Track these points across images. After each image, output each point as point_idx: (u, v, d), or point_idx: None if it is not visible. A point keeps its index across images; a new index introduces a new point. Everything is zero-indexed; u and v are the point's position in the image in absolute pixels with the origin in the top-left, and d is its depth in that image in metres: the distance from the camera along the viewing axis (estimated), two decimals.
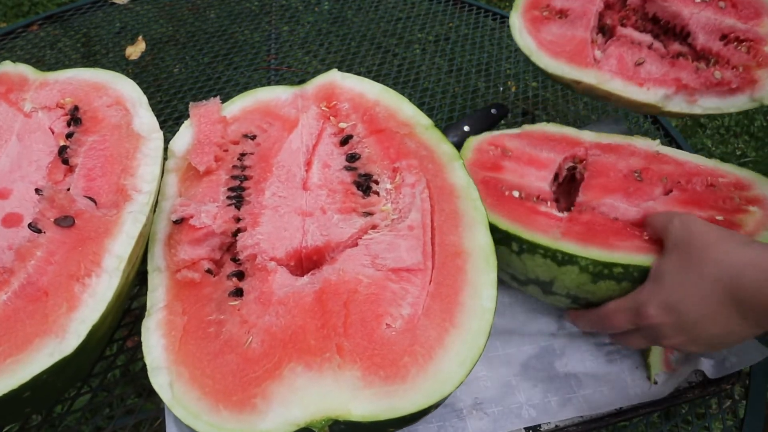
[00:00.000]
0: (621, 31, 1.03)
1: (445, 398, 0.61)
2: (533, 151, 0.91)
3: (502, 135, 0.94)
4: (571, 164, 0.91)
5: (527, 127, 0.95)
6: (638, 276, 0.74)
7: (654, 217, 0.76)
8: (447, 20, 1.85)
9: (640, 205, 0.81)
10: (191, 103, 0.86)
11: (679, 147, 1.32)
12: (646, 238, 0.76)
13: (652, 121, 1.43)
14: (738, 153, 2.77)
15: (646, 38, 1.02)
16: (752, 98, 0.91)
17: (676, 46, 1.00)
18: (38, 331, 0.61)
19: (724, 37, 0.96)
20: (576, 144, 0.91)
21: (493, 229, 0.73)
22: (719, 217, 0.78)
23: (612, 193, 0.83)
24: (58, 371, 0.61)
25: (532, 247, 0.78)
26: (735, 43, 0.95)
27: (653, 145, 0.90)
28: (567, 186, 0.93)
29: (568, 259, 0.76)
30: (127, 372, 0.87)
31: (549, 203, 0.84)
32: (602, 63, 0.98)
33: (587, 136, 0.92)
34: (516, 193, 0.85)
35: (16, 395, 0.58)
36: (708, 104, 0.93)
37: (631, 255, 0.74)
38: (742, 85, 0.91)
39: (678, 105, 0.94)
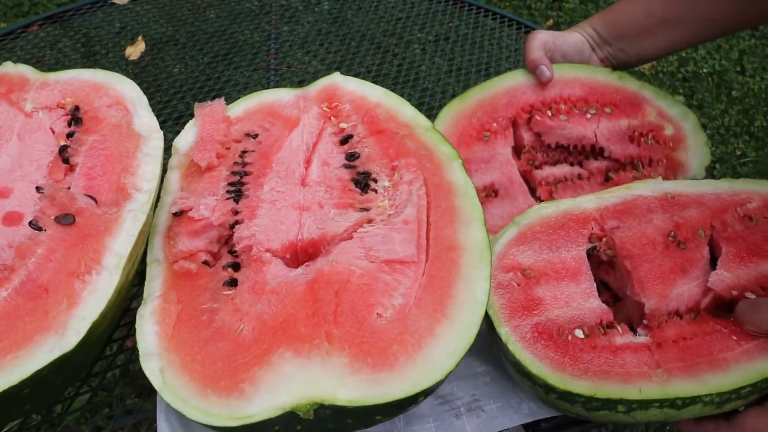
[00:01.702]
0: (539, 175, 0.98)
1: (434, 387, 0.62)
2: (552, 257, 0.78)
3: (508, 248, 0.79)
4: (589, 246, 0.81)
5: (519, 221, 0.82)
6: (766, 386, 0.68)
7: (749, 313, 0.69)
8: (447, 20, 1.85)
9: (702, 278, 0.75)
10: (196, 104, 0.88)
11: None
12: (743, 331, 0.70)
13: None
14: (738, 153, 2.77)
15: (566, 169, 0.99)
16: (686, 179, 0.93)
17: (595, 164, 0.99)
18: (38, 328, 0.61)
19: (631, 139, 0.98)
20: (584, 221, 0.81)
21: (590, 399, 0.67)
22: None
23: (671, 283, 0.75)
24: (58, 368, 0.61)
25: (645, 404, 0.67)
26: (643, 139, 0.97)
27: (659, 185, 0.84)
28: (595, 271, 0.82)
29: (690, 401, 0.67)
30: (127, 372, 0.88)
31: (620, 328, 0.73)
32: None
33: (588, 203, 0.83)
34: (579, 333, 0.72)
35: (16, 392, 0.59)
36: None
37: (753, 367, 0.67)
38: (674, 173, 0.94)
39: None
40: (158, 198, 0.81)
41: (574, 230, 0.81)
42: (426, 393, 0.62)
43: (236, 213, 0.77)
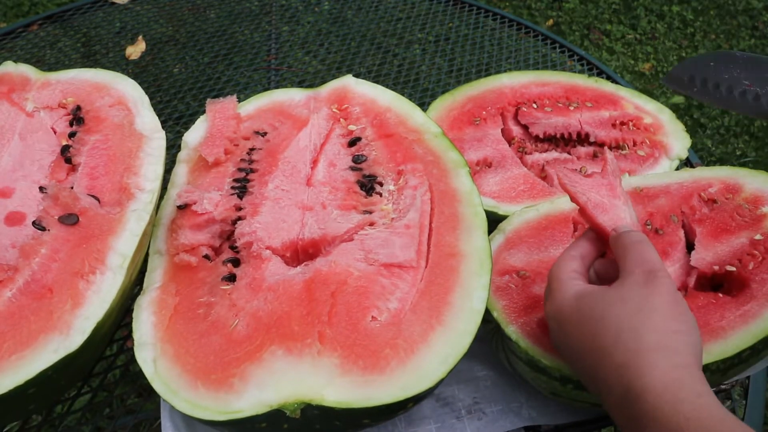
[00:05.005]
0: (530, 159, 1.01)
1: (423, 395, 0.62)
2: (543, 256, 0.80)
3: (498, 254, 0.81)
4: None
5: (504, 227, 0.84)
6: (761, 346, 0.69)
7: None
8: (447, 20, 1.85)
9: (683, 260, 0.78)
10: (208, 100, 0.89)
11: (609, 78, 1.46)
12: (724, 295, 0.73)
13: (577, 59, 1.57)
14: (738, 153, 2.78)
15: (555, 154, 1.02)
16: (671, 158, 1.01)
17: (583, 150, 1.03)
18: (43, 328, 0.61)
19: (613, 125, 1.05)
20: (565, 221, 0.83)
21: None
22: (758, 237, 0.76)
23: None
24: (63, 368, 0.62)
25: None
26: (624, 126, 1.05)
27: (627, 181, 0.87)
28: None
29: None
30: (128, 372, 0.87)
31: None
32: (556, 186, 0.94)
33: (565, 204, 0.84)
34: None
35: (21, 391, 0.59)
36: None
37: (748, 330, 0.68)
38: (659, 153, 1.01)
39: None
40: (161, 197, 0.81)
41: (558, 230, 0.83)
42: (415, 399, 0.62)
43: (239, 209, 0.77)
